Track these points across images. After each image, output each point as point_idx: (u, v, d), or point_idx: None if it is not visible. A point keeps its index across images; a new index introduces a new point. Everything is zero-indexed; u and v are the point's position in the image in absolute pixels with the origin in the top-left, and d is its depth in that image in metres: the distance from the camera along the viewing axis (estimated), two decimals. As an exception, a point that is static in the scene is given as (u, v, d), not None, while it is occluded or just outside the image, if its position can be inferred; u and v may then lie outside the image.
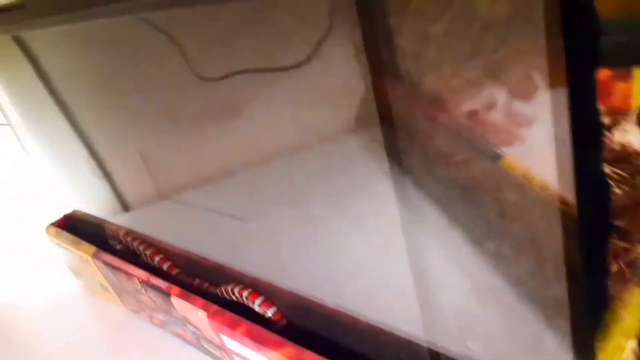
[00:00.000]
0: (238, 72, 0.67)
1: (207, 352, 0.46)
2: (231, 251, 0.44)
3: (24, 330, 0.60)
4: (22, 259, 0.73)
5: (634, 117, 0.50)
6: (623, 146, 0.47)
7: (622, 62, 0.33)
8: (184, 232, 0.48)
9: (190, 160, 0.68)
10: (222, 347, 0.42)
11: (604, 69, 0.24)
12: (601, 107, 0.26)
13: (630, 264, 0.37)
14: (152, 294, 0.45)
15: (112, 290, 0.54)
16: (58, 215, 0.62)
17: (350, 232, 0.39)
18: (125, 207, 0.76)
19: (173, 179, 0.68)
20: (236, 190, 0.57)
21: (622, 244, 0.39)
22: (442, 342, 0.31)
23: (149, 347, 0.50)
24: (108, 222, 0.55)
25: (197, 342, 0.46)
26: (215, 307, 0.40)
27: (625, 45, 0.31)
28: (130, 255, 0.51)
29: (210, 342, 0.43)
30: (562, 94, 0.22)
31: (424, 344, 0.32)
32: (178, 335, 0.49)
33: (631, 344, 0.30)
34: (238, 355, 0.40)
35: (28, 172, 0.82)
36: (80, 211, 0.62)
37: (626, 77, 0.40)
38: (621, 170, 0.46)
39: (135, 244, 0.50)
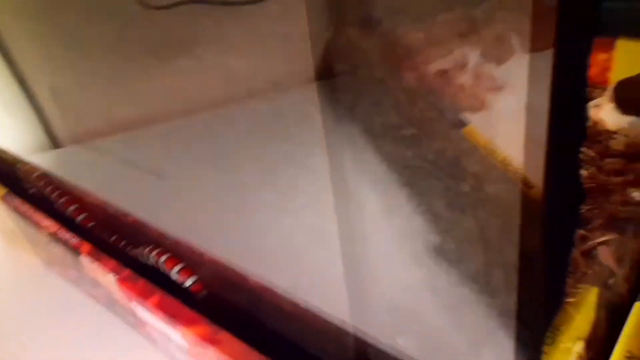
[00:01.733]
0: (185, 2, 0.60)
1: (121, 317, 0.41)
2: (152, 209, 0.39)
3: None
4: None
5: (609, 93, 0.46)
6: (595, 124, 0.44)
7: (607, 31, 0.29)
8: (101, 182, 0.43)
9: (120, 101, 0.61)
10: (134, 315, 0.37)
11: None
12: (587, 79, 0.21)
13: (586, 253, 0.35)
14: (61, 248, 0.40)
15: (23, 238, 0.49)
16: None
17: (281, 201, 0.34)
18: (54, 144, 0.69)
19: (94, 120, 0.62)
20: (162, 143, 0.52)
21: (581, 231, 0.36)
22: (370, 331, 0.28)
23: (58, 305, 0.45)
24: (22, 162, 0.49)
25: (110, 305, 0.41)
26: (127, 272, 0.35)
27: (615, 13, 0.26)
28: (43, 202, 0.45)
29: (123, 307, 0.38)
30: (544, 61, 0.17)
31: (351, 331, 0.28)
32: (90, 296, 0.44)
33: (578, 347, 0.27)
34: (150, 326, 0.36)
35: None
36: (-6, 146, 0.55)
37: (608, 47, 0.35)
38: (590, 149, 0.43)
39: (48, 189, 0.44)
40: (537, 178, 0.28)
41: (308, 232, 0.35)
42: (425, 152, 0.46)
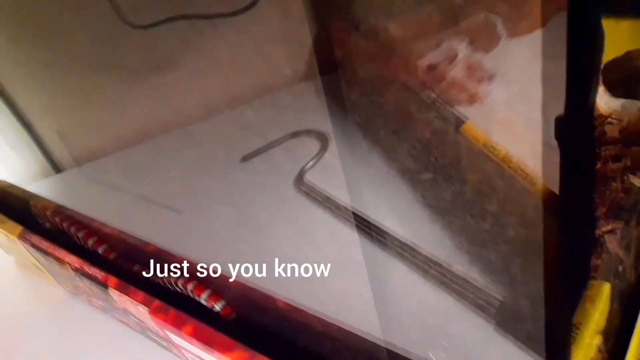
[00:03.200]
0: (170, 20, 0.60)
1: (154, 341, 0.43)
2: (170, 236, 0.40)
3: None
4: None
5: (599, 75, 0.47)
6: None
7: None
8: (117, 213, 0.44)
9: (115, 120, 0.62)
10: (168, 340, 0.39)
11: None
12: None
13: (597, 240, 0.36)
14: (87, 282, 0.41)
15: (45, 271, 0.50)
16: (-22, 187, 0.55)
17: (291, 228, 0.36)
18: (56, 168, 0.70)
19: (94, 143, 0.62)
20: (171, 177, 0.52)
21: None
22: (400, 344, 0.29)
23: (89, 331, 0.46)
24: (34, 198, 0.50)
25: (142, 331, 0.43)
26: (157, 303, 0.36)
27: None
28: (61, 235, 0.46)
29: (156, 334, 0.40)
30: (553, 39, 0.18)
31: (382, 345, 0.30)
32: (121, 322, 0.45)
33: (597, 340, 0.28)
34: (186, 350, 0.37)
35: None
36: (4, 181, 0.56)
37: None
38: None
39: (65, 224, 0.45)
40: (547, 174, 0.29)
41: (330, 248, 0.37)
42: (422, 153, 0.47)
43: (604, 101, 0.45)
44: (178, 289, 0.37)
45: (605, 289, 0.30)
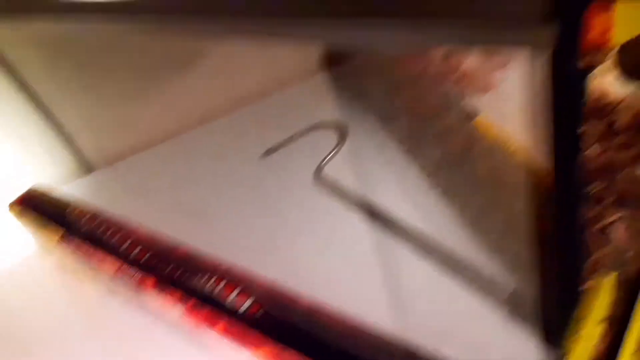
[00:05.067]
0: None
1: (188, 335, 0.46)
2: (199, 235, 0.43)
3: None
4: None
5: (613, 58, 0.48)
6: (599, 97, 0.45)
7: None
8: (146, 212, 0.47)
9: (140, 118, 0.64)
10: (202, 336, 0.42)
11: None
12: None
13: (600, 231, 0.37)
14: (123, 283, 0.45)
15: (83, 272, 0.53)
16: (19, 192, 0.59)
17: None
18: (88, 169, 0.73)
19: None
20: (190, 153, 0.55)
21: (596, 208, 0.39)
22: (418, 340, 0.31)
23: (128, 326, 0.50)
24: (70, 202, 0.53)
25: (177, 328, 0.46)
26: (191, 302, 0.39)
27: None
28: (97, 239, 0.49)
29: (190, 330, 0.43)
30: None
31: (402, 344, 0.32)
32: (157, 318, 0.49)
33: (600, 328, 0.30)
34: (218, 345, 0.40)
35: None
36: (42, 186, 0.59)
37: (607, 6, 0.37)
38: (596, 126, 0.45)
39: (101, 229, 0.48)
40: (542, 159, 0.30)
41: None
42: (432, 144, 0.48)
43: (618, 86, 0.45)
44: (209, 289, 0.40)
45: (609, 280, 0.31)
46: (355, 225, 0.45)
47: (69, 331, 0.52)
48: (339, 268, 0.39)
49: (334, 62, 0.71)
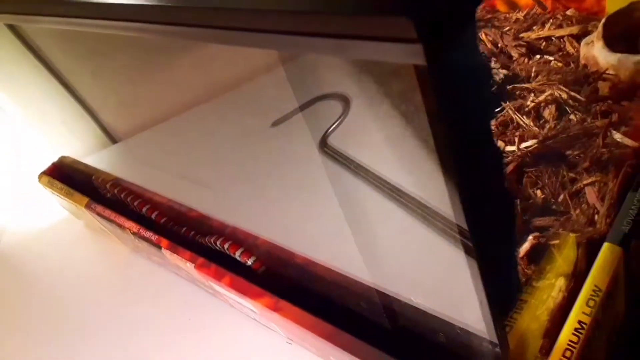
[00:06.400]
0: None
1: (202, 289, 0.51)
2: (210, 201, 0.47)
3: (31, 267, 0.65)
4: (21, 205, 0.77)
5: (599, 29, 0.49)
6: (586, 64, 0.47)
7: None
8: (164, 180, 0.51)
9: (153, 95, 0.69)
10: (212, 288, 0.46)
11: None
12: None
13: (574, 195, 0.40)
14: (144, 243, 0.49)
15: (110, 233, 0.58)
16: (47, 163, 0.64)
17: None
18: (112, 140, 0.78)
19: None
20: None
21: (570, 174, 0.41)
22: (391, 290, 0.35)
23: (149, 282, 0.55)
24: (95, 171, 0.58)
25: (192, 281, 0.51)
26: (201, 260, 0.44)
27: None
28: (120, 204, 0.54)
29: (203, 283, 0.48)
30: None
31: (376, 289, 0.35)
32: (175, 274, 0.54)
33: (560, 282, 0.33)
34: (226, 296, 0.45)
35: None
36: (68, 157, 0.64)
37: None
38: (579, 94, 0.47)
39: (122, 195, 0.53)
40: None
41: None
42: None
43: (603, 56, 0.47)
44: (217, 248, 0.44)
45: (571, 238, 0.34)
46: (354, 189, 0.49)
47: (97, 284, 0.58)
48: (335, 230, 0.43)
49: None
